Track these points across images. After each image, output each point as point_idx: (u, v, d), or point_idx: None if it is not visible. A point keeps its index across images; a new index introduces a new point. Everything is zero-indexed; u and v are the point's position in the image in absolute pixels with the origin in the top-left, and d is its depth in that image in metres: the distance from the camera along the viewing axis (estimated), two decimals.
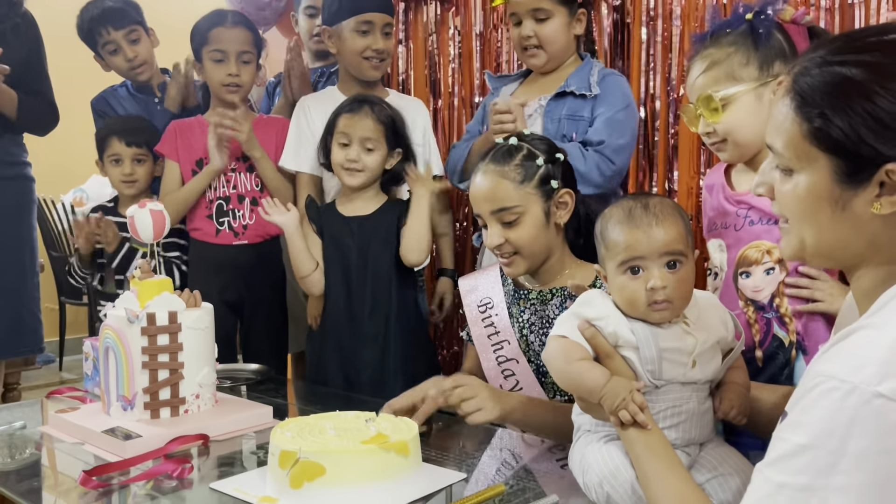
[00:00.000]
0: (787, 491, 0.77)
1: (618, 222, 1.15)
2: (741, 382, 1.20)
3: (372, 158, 1.92)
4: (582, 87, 1.96)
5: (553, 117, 1.98)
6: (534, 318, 1.56)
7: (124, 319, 1.48)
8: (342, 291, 1.95)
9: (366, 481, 1.15)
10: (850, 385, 0.74)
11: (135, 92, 2.58)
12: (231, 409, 1.56)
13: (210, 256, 2.21)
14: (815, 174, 0.83)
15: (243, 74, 2.20)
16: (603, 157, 1.88)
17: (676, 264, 1.12)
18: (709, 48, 1.39)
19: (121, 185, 2.31)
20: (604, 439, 1.14)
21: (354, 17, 2.13)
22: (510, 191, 1.50)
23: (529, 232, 1.51)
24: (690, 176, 2.10)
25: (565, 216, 1.54)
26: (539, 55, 2.01)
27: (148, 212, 1.56)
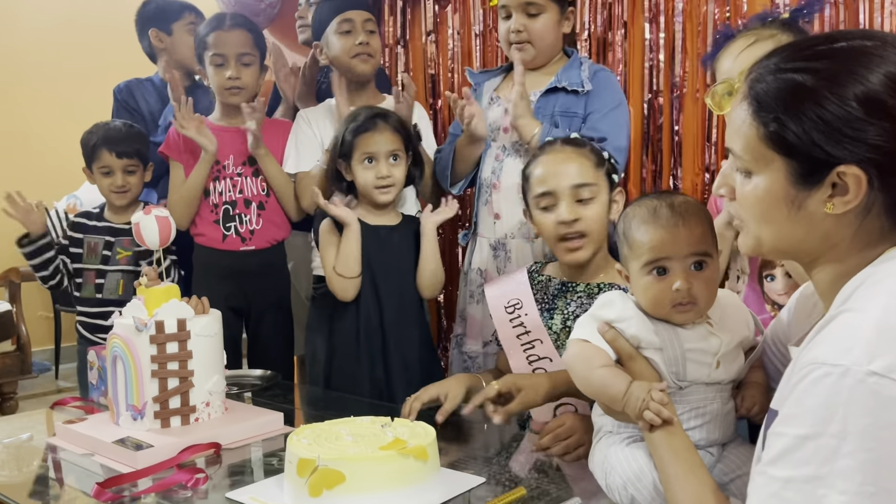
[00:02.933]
0: (794, 485, 0.76)
1: (642, 222, 1.13)
2: (762, 381, 1.19)
3: (399, 170, 1.92)
4: (574, 83, 1.95)
5: (545, 113, 1.97)
6: (580, 311, 1.55)
7: (132, 328, 1.46)
8: (371, 299, 1.92)
9: (385, 488, 1.13)
10: (843, 368, 0.75)
11: (161, 86, 2.55)
12: (241, 417, 1.55)
13: (216, 262, 2.19)
14: (771, 176, 0.86)
15: (244, 76, 2.18)
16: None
17: (703, 265, 1.11)
18: (752, 29, 1.39)
19: (112, 195, 2.27)
20: (626, 440, 1.12)
21: (335, 19, 2.14)
22: (590, 169, 1.56)
23: (601, 213, 1.55)
24: (695, 173, 2.09)
25: (616, 213, 1.57)
26: (527, 49, 1.99)
27: (154, 218, 1.54)
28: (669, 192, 1.68)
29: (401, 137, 1.91)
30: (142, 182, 2.29)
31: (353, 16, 2.14)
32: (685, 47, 2.09)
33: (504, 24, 2.01)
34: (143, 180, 2.29)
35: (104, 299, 2.27)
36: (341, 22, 2.13)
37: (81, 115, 3.00)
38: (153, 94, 2.56)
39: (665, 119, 2.15)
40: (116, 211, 2.31)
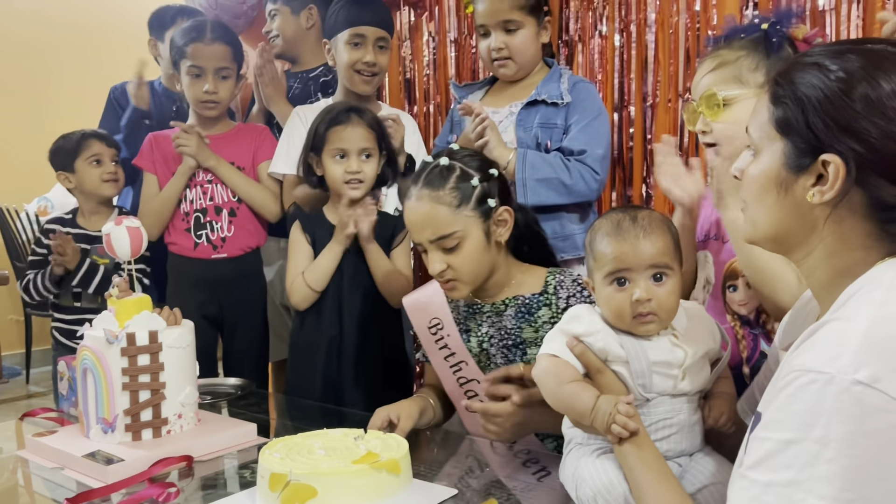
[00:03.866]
0: (774, 489, 0.78)
1: (606, 234, 1.15)
2: (729, 392, 1.22)
3: (370, 167, 1.89)
4: (554, 96, 1.97)
5: (526, 126, 1.99)
6: (492, 331, 1.55)
7: (103, 340, 1.44)
8: (334, 303, 1.92)
9: (358, 502, 1.14)
10: (828, 375, 0.76)
11: (161, 94, 2.54)
12: (214, 428, 1.54)
13: (188, 271, 2.18)
14: (771, 156, 0.90)
15: (221, 91, 2.17)
16: (587, 168, 1.90)
17: (662, 277, 1.13)
18: (720, 49, 1.40)
19: (103, 185, 2.27)
20: (596, 452, 1.14)
21: (348, 30, 2.13)
22: (448, 216, 1.45)
23: (471, 256, 1.47)
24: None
25: (505, 234, 1.51)
26: (509, 66, 2.02)
27: (125, 229, 1.53)
28: (636, 206, 1.70)
29: (374, 135, 1.89)
30: (124, 179, 2.28)
31: (366, 31, 2.13)
32: (657, 57, 2.12)
33: (483, 41, 2.02)
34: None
35: (82, 308, 2.25)
36: (353, 35, 2.13)
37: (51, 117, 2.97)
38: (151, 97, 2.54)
39: (637, 128, 2.17)
40: (90, 215, 2.29)
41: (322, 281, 1.90)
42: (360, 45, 2.13)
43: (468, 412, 1.56)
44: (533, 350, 1.49)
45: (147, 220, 2.10)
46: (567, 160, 1.91)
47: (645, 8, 2.12)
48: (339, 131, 1.87)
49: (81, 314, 2.24)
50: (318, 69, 2.53)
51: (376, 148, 1.90)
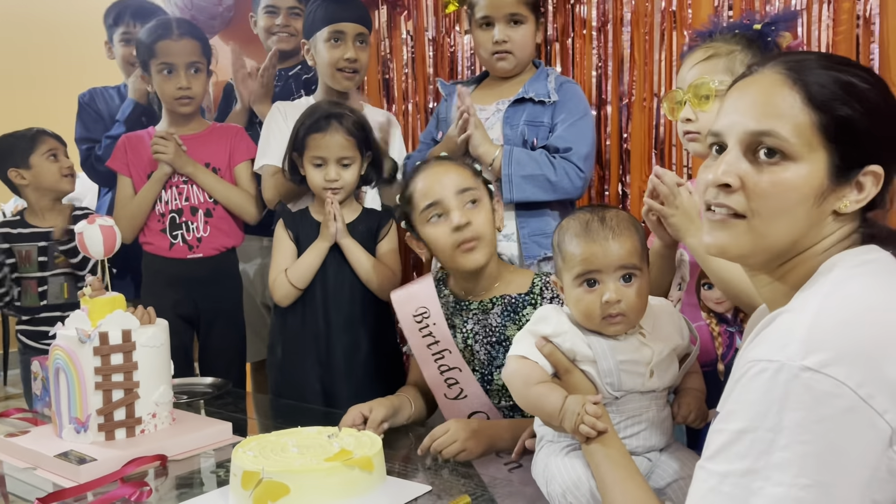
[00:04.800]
0: (731, 479, 0.79)
1: (574, 235, 1.16)
2: (698, 388, 1.23)
3: (349, 173, 1.89)
4: (541, 94, 1.98)
5: (513, 123, 1.99)
6: (477, 328, 1.57)
7: (75, 339, 1.44)
8: (319, 301, 1.92)
9: (331, 499, 1.14)
10: (778, 363, 0.77)
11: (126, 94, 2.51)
12: (189, 427, 1.54)
13: (164, 270, 2.17)
14: (813, 165, 0.85)
15: (194, 86, 2.16)
16: (572, 166, 1.91)
17: (631, 278, 1.14)
18: (713, 41, 1.40)
19: (62, 180, 2.27)
20: (565, 450, 1.15)
21: (327, 28, 2.12)
22: (468, 175, 1.59)
23: (487, 217, 1.57)
24: (642, 180, 2.13)
25: (500, 222, 1.61)
26: (509, 59, 2.02)
27: (98, 227, 1.52)
28: (603, 205, 1.72)
29: (354, 141, 1.88)
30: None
31: (345, 28, 2.12)
32: (633, 56, 2.14)
33: (484, 33, 2.02)
34: None
35: (49, 305, 2.24)
36: (332, 32, 2.12)
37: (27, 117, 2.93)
38: (116, 103, 2.53)
39: (613, 127, 2.19)
40: (43, 213, 2.28)
41: (305, 278, 1.90)
42: (340, 42, 2.12)
43: (448, 404, 1.57)
44: None
45: (121, 224, 2.08)
46: (553, 157, 1.92)
47: (622, 7, 2.13)
48: (318, 139, 1.87)
49: (50, 312, 2.24)
50: (297, 67, 2.52)
51: (357, 154, 1.90)
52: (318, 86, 2.26)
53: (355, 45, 2.13)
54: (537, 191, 1.92)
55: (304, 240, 1.94)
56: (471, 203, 1.55)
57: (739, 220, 0.89)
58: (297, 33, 2.47)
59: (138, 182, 2.19)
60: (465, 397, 1.56)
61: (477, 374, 1.56)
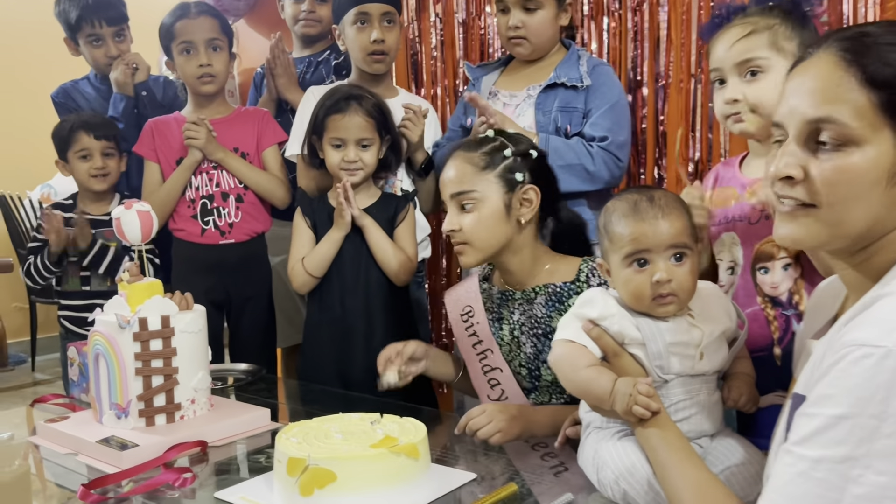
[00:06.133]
0: (825, 464, 0.76)
1: (622, 215, 1.13)
2: (748, 372, 1.21)
3: (369, 155, 1.88)
4: (573, 79, 1.95)
5: (545, 109, 1.96)
6: (523, 319, 1.53)
7: (115, 325, 1.43)
8: (336, 288, 1.91)
9: (377, 486, 1.12)
10: (884, 349, 0.74)
11: (98, 84, 2.50)
12: (227, 413, 1.53)
13: (196, 257, 2.16)
14: (880, 147, 0.82)
15: (215, 63, 2.14)
16: (610, 155, 1.88)
17: (682, 257, 1.12)
18: (750, 17, 1.35)
19: (91, 180, 2.23)
20: (617, 435, 1.13)
21: (353, 10, 2.09)
22: (469, 174, 1.48)
23: (484, 222, 1.47)
24: (680, 163, 2.09)
25: (528, 214, 1.50)
26: (524, 45, 1.99)
27: (135, 213, 1.51)
28: (648, 186, 1.68)
29: (374, 122, 1.87)
30: (119, 169, 2.25)
31: (370, 9, 2.07)
32: (670, 37, 2.09)
33: (501, 18, 1.99)
34: (120, 168, 2.25)
35: (91, 291, 2.23)
36: (358, 14, 2.08)
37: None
38: (91, 93, 2.50)
39: (649, 109, 2.15)
40: (92, 200, 2.27)
41: (321, 267, 1.89)
42: (367, 24, 2.09)
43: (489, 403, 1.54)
44: None
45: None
46: (590, 146, 1.89)
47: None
48: (337, 120, 1.86)
49: (90, 299, 2.23)
50: (325, 52, 2.50)
51: (376, 136, 1.88)
52: (350, 71, 2.24)
53: (382, 26, 2.09)
54: (575, 181, 1.88)
55: (321, 226, 1.93)
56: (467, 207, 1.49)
57: (810, 210, 0.85)
58: (322, 19, 2.44)
59: (166, 168, 2.18)
60: (506, 398, 1.53)
61: (524, 369, 1.52)
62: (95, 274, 2.22)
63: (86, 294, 2.24)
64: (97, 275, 2.22)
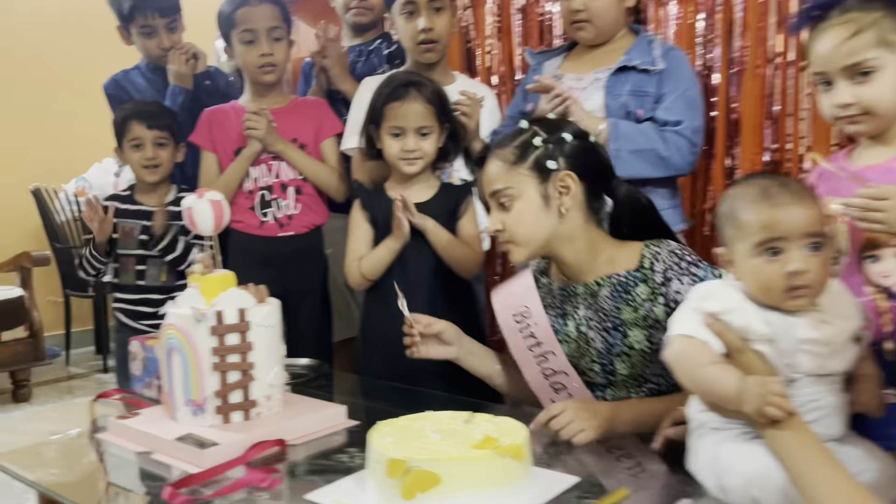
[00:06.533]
0: None
1: (752, 201, 1.06)
2: (875, 373, 1.13)
3: (429, 143, 1.82)
4: (646, 62, 1.87)
5: (615, 93, 1.89)
6: (589, 313, 1.46)
7: (190, 318, 1.38)
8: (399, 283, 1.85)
9: (482, 489, 1.06)
10: None
11: (150, 74, 2.45)
12: (302, 410, 1.47)
13: (253, 249, 2.11)
14: None
15: (276, 53, 2.09)
16: (684, 139, 1.81)
17: (819, 247, 1.04)
18: (850, 13, 1.28)
19: (142, 170, 2.19)
20: (741, 438, 1.06)
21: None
22: (501, 172, 1.43)
23: (523, 217, 1.42)
24: (755, 153, 2.01)
25: (569, 201, 1.42)
26: (588, 29, 1.92)
27: (208, 202, 1.46)
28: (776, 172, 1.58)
29: (433, 110, 1.81)
30: (173, 160, 2.20)
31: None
32: (745, 20, 2.01)
33: (564, 2, 1.92)
34: (175, 159, 2.20)
35: (146, 286, 2.19)
36: (405, 3, 2.03)
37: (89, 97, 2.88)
38: (143, 83, 2.45)
39: (721, 97, 2.07)
40: (148, 191, 2.22)
41: (377, 272, 1.85)
42: (414, 13, 2.03)
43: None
44: (634, 332, 1.40)
45: None
46: (663, 131, 1.82)
47: None
48: (396, 108, 1.80)
49: (144, 293, 2.19)
50: (377, 41, 2.44)
51: (436, 124, 1.82)
52: (404, 60, 2.18)
53: (430, 14, 2.02)
54: (647, 167, 1.82)
55: (381, 220, 1.87)
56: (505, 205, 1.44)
57: None
58: (374, 7, 2.38)
59: (224, 158, 2.13)
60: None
61: (596, 364, 1.45)
62: (154, 266, 2.18)
63: (140, 288, 2.20)
64: (154, 268, 2.18)
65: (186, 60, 2.27)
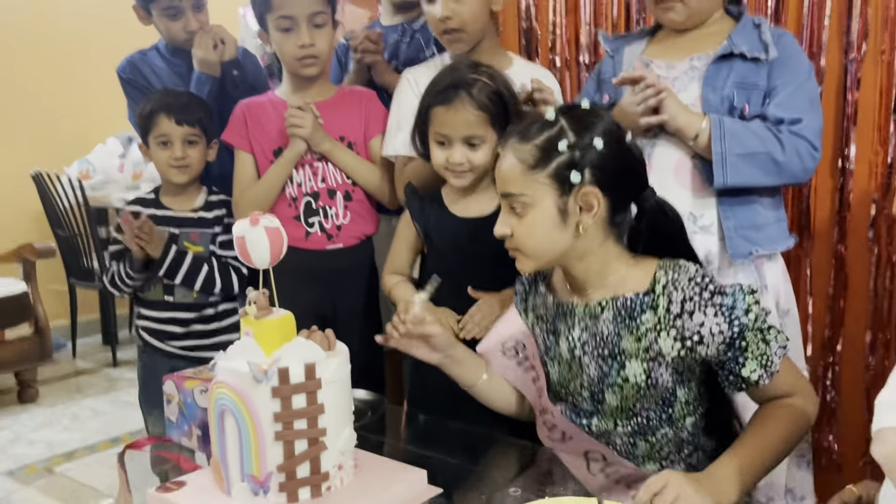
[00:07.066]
0: None
1: None
2: None
3: (480, 155, 1.57)
4: (755, 49, 1.60)
5: (715, 84, 1.62)
6: (585, 336, 1.27)
7: (248, 377, 1.13)
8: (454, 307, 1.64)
9: None
10: None
11: (170, 56, 2.18)
12: (377, 477, 1.23)
13: (299, 264, 1.83)
14: None
15: (318, 42, 1.80)
16: (804, 142, 1.55)
17: None
18: None
19: (170, 170, 1.94)
20: None
21: None
22: (517, 174, 1.24)
23: (534, 230, 1.24)
24: (874, 151, 1.75)
25: (589, 220, 1.22)
26: (677, 9, 1.64)
27: (263, 230, 1.20)
28: None
29: (486, 117, 1.54)
30: (204, 158, 1.94)
31: None
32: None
33: None
34: (206, 158, 1.94)
35: (175, 303, 1.95)
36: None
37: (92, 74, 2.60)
38: (163, 66, 2.18)
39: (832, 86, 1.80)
40: (175, 194, 1.97)
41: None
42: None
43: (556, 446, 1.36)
44: (633, 364, 1.23)
45: (247, 209, 1.82)
46: (778, 131, 1.55)
47: None
48: (442, 114, 1.56)
49: (172, 311, 1.95)
50: (421, 17, 2.15)
51: (489, 132, 1.56)
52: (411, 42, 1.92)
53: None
54: (759, 173, 1.55)
55: (436, 236, 1.66)
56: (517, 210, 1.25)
57: None
58: None
59: (261, 159, 1.86)
60: (570, 439, 1.32)
61: (585, 391, 1.30)
62: (178, 287, 1.93)
63: (168, 305, 1.96)
64: (177, 287, 1.93)
65: (214, 46, 1.99)
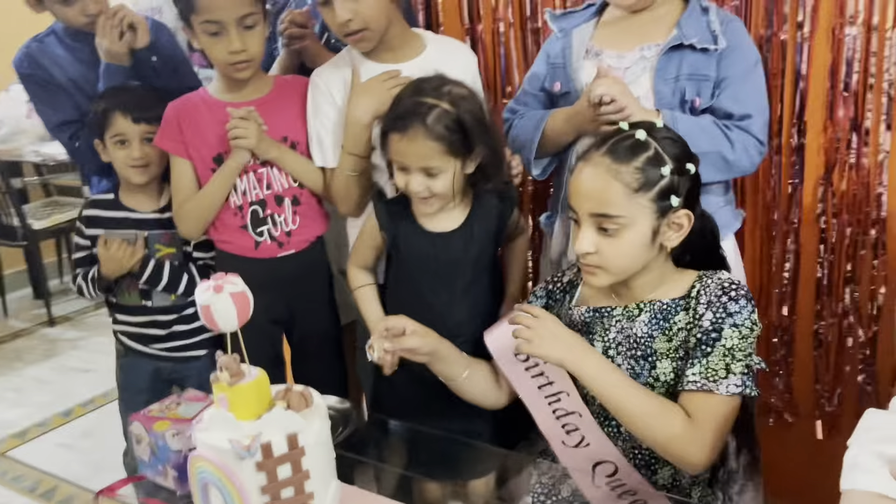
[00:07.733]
0: None
1: None
2: None
3: (440, 183, 1.50)
4: (705, 40, 1.56)
5: (667, 77, 1.58)
6: (620, 337, 1.34)
7: (230, 454, 1.10)
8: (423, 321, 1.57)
9: None
10: None
11: (71, 41, 1.95)
12: None
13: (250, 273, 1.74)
14: None
15: (250, 46, 1.64)
16: (751, 139, 1.55)
17: None
18: None
19: (129, 170, 1.83)
20: None
21: None
22: (620, 197, 1.25)
23: (627, 250, 1.28)
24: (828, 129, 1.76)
25: (675, 239, 1.30)
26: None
27: (228, 297, 1.14)
28: None
29: (444, 145, 1.46)
30: (165, 159, 1.80)
31: None
32: None
33: None
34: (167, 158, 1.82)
35: (153, 307, 1.89)
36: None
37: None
38: (64, 54, 1.95)
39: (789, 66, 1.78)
40: (137, 193, 1.87)
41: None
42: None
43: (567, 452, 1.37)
44: (664, 363, 1.30)
45: (186, 225, 1.77)
46: (726, 128, 1.54)
47: None
48: (397, 141, 1.49)
49: (151, 315, 1.91)
50: None
51: (448, 162, 1.48)
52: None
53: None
54: (710, 170, 1.54)
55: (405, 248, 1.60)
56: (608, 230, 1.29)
57: None
58: None
59: (200, 166, 1.73)
60: (587, 445, 1.35)
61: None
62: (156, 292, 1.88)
63: (147, 310, 1.91)
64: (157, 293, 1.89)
65: (121, 35, 1.80)
